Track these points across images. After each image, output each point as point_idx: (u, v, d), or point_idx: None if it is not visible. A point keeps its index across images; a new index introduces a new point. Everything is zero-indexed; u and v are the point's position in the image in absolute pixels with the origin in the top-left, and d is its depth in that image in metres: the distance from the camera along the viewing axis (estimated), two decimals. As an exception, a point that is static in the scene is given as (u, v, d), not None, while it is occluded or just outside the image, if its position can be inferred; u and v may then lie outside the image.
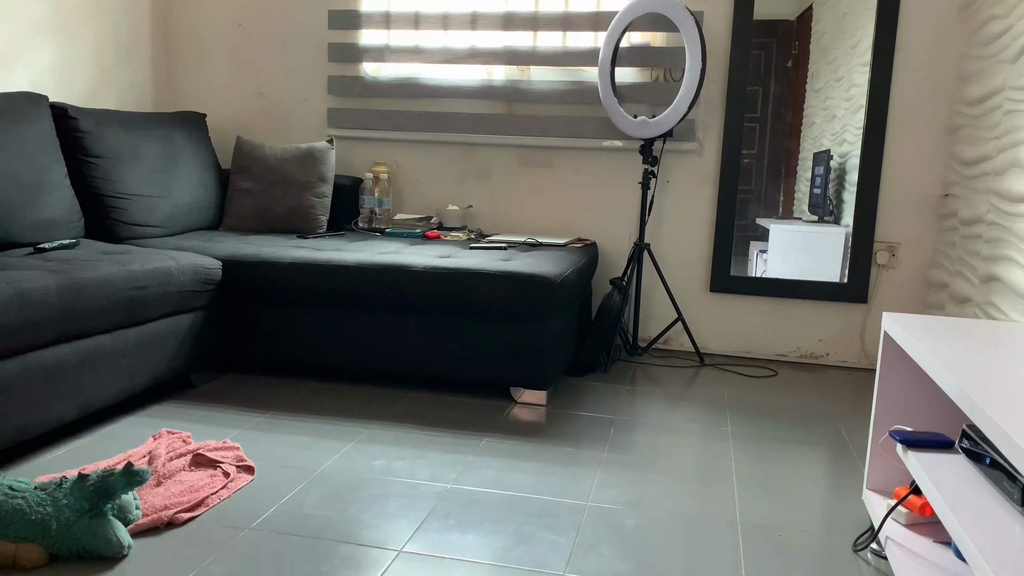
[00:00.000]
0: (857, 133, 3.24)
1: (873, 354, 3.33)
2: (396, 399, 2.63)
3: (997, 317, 2.46)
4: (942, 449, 1.54)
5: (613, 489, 1.98)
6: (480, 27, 3.48)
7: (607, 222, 3.49)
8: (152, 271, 2.37)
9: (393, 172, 3.67)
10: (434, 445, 2.23)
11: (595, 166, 3.47)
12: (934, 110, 3.15)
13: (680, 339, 3.48)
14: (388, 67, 3.66)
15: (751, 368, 3.26)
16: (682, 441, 2.36)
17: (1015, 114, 2.46)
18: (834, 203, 3.38)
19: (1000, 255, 2.48)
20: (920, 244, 3.23)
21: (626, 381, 2.98)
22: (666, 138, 3.23)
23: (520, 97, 3.48)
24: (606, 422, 2.49)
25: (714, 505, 1.93)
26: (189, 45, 3.80)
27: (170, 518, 1.70)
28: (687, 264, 3.45)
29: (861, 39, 3.23)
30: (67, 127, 2.87)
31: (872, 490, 1.90)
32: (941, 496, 1.30)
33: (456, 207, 3.51)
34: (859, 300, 3.30)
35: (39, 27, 3.07)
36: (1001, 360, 1.44)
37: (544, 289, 2.52)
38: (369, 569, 1.56)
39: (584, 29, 3.39)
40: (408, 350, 2.67)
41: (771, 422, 2.57)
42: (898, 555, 1.58)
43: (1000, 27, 2.64)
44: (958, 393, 1.26)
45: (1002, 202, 2.50)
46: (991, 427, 1.10)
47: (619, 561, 1.63)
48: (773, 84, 3.37)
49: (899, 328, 1.71)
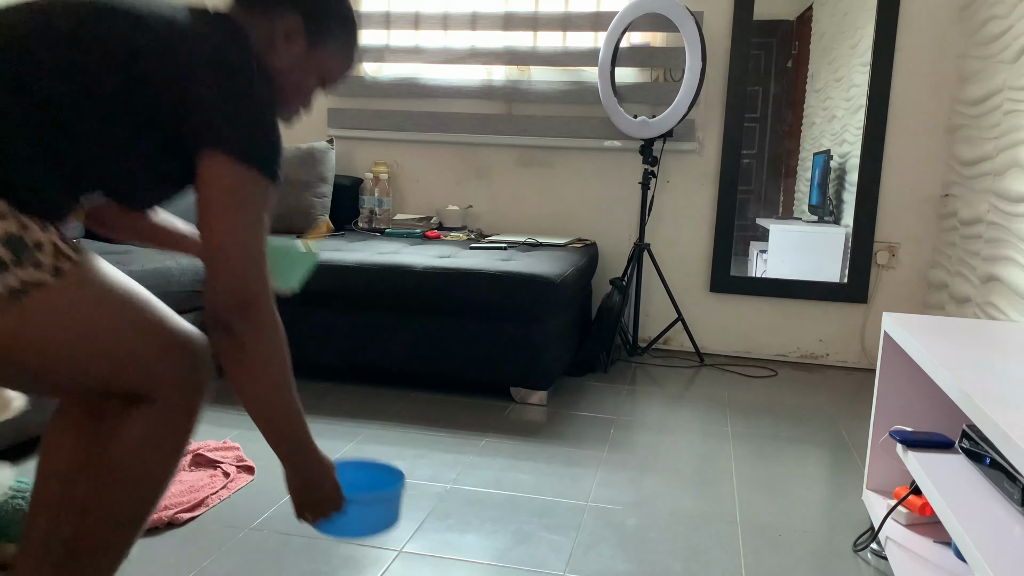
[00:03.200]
0: (857, 133, 3.24)
1: (873, 354, 3.33)
2: (396, 399, 2.63)
3: (997, 317, 2.46)
4: (942, 449, 1.54)
5: (613, 489, 1.98)
6: (480, 27, 3.48)
7: (607, 222, 3.49)
8: (152, 271, 2.37)
9: (393, 172, 3.67)
10: (434, 445, 2.23)
11: (595, 166, 3.47)
12: (934, 110, 3.15)
13: (680, 339, 3.48)
14: (388, 67, 3.66)
15: (751, 368, 3.26)
16: (682, 441, 2.36)
17: (1015, 114, 2.46)
18: (834, 203, 3.38)
19: (1000, 255, 2.48)
20: (920, 244, 3.23)
21: (626, 381, 2.98)
22: (666, 138, 3.23)
23: (520, 97, 3.48)
24: (606, 422, 2.49)
25: (714, 505, 1.93)
26: (189, 45, 3.79)
27: (170, 518, 1.70)
28: (687, 264, 3.45)
29: (861, 39, 3.23)
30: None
31: (872, 490, 1.90)
32: (941, 496, 1.30)
33: (456, 207, 3.51)
34: (859, 300, 3.30)
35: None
36: (1001, 360, 1.44)
37: (544, 289, 2.52)
38: (369, 569, 1.56)
39: (584, 29, 3.39)
40: (408, 350, 2.66)
41: (771, 422, 2.57)
42: (898, 555, 1.58)
43: (1000, 27, 2.64)
44: (958, 393, 1.26)
45: (1002, 202, 2.50)
46: (991, 427, 1.10)
47: (619, 561, 1.63)
48: (773, 84, 3.37)
49: (899, 328, 1.71)
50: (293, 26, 1.17)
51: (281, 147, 1.10)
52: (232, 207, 1.04)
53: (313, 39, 1.19)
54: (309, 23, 1.18)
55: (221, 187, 1.04)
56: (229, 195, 1.04)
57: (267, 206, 1.08)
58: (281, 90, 1.20)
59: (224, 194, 1.04)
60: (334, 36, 1.21)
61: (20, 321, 0.98)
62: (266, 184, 1.07)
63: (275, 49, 1.17)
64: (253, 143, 1.05)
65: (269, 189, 1.08)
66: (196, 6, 1.16)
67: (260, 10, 1.17)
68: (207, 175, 1.04)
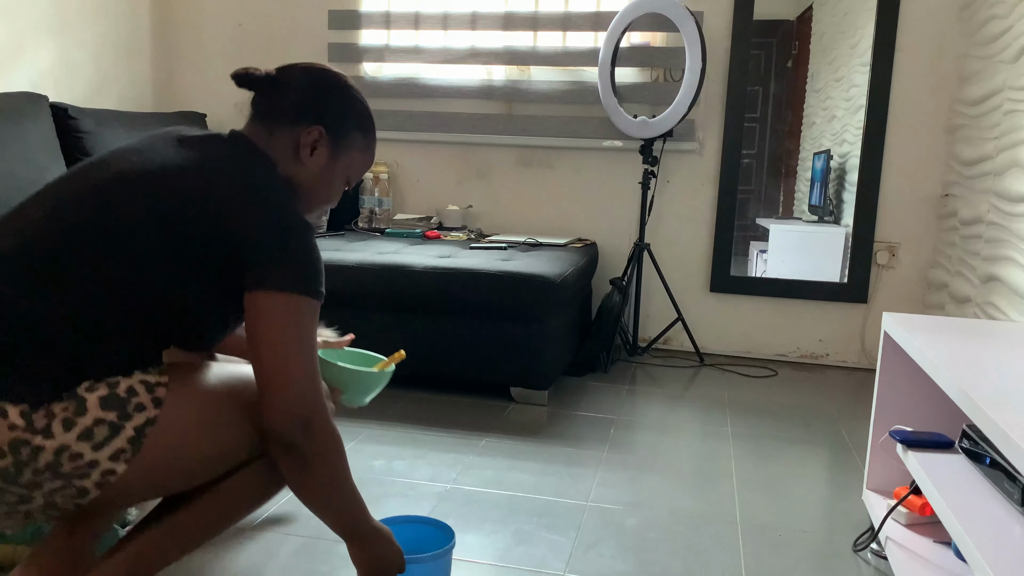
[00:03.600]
0: (857, 133, 3.24)
1: (873, 354, 3.33)
2: (396, 399, 2.63)
3: (997, 317, 2.46)
4: (942, 449, 1.54)
5: (613, 489, 1.98)
6: (480, 27, 3.48)
7: (607, 222, 3.49)
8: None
9: (393, 172, 3.67)
10: (434, 445, 2.23)
11: (595, 166, 3.47)
12: (934, 110, 3.15)
13: (680, 339, 3.48)
14: (388, 67, 3.66)
15: (751, 368, 3.26)
16: (682, 441, 2.36)
17: (1015, 114, 2.46)
18: (834, 203, 3.38)
19: (1000, 255, 2.48)
20: (920, 244, 3.23)
21: (626, 381, 2.98)
22: (666, 138, 3.23)
23: (520, 97, 3.48)
24: (606, 422, 2.49)
25: (714, 505, 1.93)
26: (189, 45, 3.80)
27: (170, 518, 1.70)
28: (687, 264, 3.45)
29: (861, 39, 3.23)
30: (67, 127, 2.87)
31: (872, 490, 1.90)
32: (941, 496, 1.30)
33: (456, 207, 3.51)
34: (859, 300, 3.30)
35: (39, 27, 3.07)
36: (1001, 360, 1.44)
37: (544, 289, 2.52)
38: (369, 569, 1.56)
39: (584, 29, 3.39)
40: (408, 350, 2.66)
41: (771, 422, 2.57)
42: (898, 555, 1.58)
43: (1000, 27, 2.64)
44: (958, 393, 1.26)
45: (1002, 202, 2.50)
46: (991, 427, 1.10)
47: (619, 561, 1.63)
48: (773, 84, 3.37)
49: (899, 328, 1.71)
50: (317, 138, 1.21)
51: (321, 265, 1.13)
52: (283, 332, 1.07)
53: (336, 147, 1.23)
54: (331, 133, 1.22)
55: (272, 319, 1.07)
56: (280, 323, 1.07)
57: (315, 321, 1.11)
58: (308, 198, 1.24)
59: (276, 323, 1.07)
60: (355, 140, 1.26)
61: (150, 462, 1.05)
62: (312, 303, 1.10)
63: (300, 161, 1.21)
64: (298, 273, 1.08)
65: (316, 307, 1.11)
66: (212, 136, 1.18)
67: (284, 125, 1.20)
68: (257, 310, 1.08)
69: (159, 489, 1.09)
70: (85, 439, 1.00)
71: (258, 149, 1.18)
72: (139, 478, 1.05)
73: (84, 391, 1.01)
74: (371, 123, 1.29)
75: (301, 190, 1.23)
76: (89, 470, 1.01)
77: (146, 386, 1.05)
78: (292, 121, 1.20)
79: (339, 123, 1.23)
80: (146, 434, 1.04)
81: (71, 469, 1.00)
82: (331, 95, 1.23)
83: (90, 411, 1.00)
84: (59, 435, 0.99)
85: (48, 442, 0.98)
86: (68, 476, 1.00)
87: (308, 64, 1.25)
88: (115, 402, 1.02)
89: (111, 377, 1.03)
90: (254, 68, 1.21)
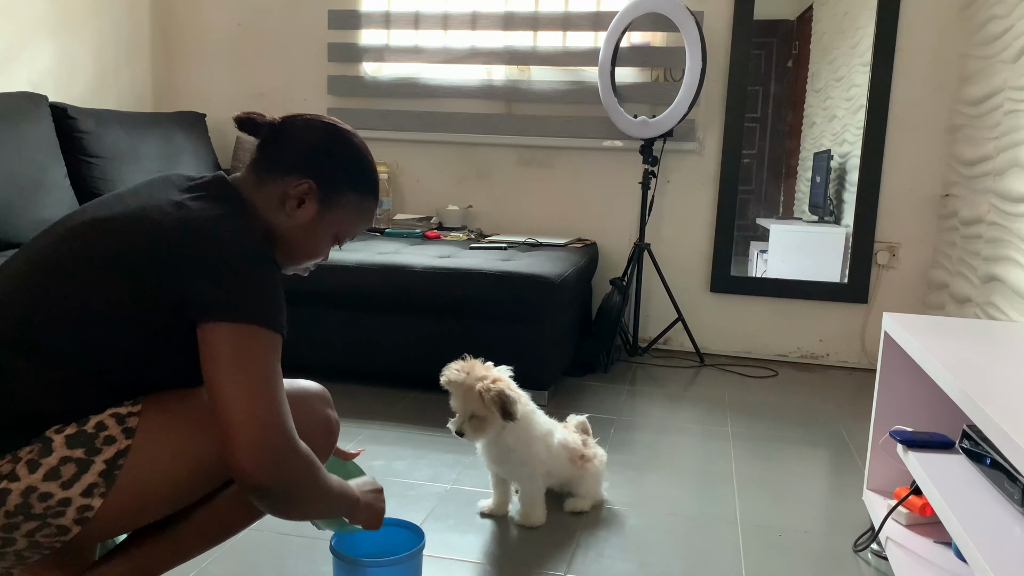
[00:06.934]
0: (857, 133, 3.24)
1: (873, 354, 3.33)
2: (396, 399, 2.62)
3: (997, 317, 2.46)
4: (942, 449, 1.54)
5: (613, 489, 1.98)
6: (480, 27, 3.48)
7: (607, 222, 3.49)
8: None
9: (393, 172, 3.67)
10: (434, 445, 2.23)
11: (595, 166, 3.47)
12: (934, 110, 3.15)
13: (680, 339, 3.48)
14: (388, 67, 3.65)
15: (751, 368, 3.26)
16: (682, 441, 2.36)
17: (1015, 114, 2.46)
18: (834, 203, 3.38)
19: (1000, 255, 2.47)
20: (920, 244, 3.23)
21: (626, 381, 2.97)
22: (666, 138, 3.23)
23: (520, 97, 3.48)
24: (606, 422, 2.49)
25: (714, 505, 1.93)
26: (189, 45, 3.80)
27: (170, 518, 1.70)
28: (687, 264, 3.45)
29: (861, 39, 3.22)
30: (67, 127, 2.87)
31: (872, 490, 1.90)
32: (941, 496, 1.30)
33: (456, 207, 3.51)
34: (859, 300, 3.30)
35: (39, 27, 3.07)
36: (1001, 360, 1.44)
37: (544, 289, 2.51)
38: (369, 569, 1.56)
39: (584, 29, 3.39)
40: (408, 350, 2.66)
41: (771, 422, 2.57)
42: (898, 555, 1.58)
43: (1000, 27, 2.63)
44: (958, 393, 1.26)
45: (1002, 202, 2.50)
46: (991, 427, 1.10)
47: (619, 561, 1.63)
48: (773, 84, 3.37)
49: (899, 328, 1.71)
50: (305, 191, 1.18)
51: (281, 299, 1.08)
52: (236, 367, 0.99)
53: (325, 203, 1.20)
54: (322, 189, 1.19)
55: (220, 352, 1.00)
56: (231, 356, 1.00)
57: (276, 358, 1.04)
58: (290, 251, 1.22)
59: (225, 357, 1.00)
60: (348, 199, 1.23)
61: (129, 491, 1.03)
62: (269, 335, 1.03)
63: (284, 211, 1.19)
64: (249, 302, 1.03)
65: (274, 340, 1.04)
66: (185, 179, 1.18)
67: (276, 174, 1.18)
68: (205, 344, 1.01)
69: (147, 515, 1.07)
70: (52, 479, 0.99)
71: (232, 194, 1.15)
72: (121, 508, 1.03)
73: (52, 433, 1.01)
74: (371, 185, 1.25)
75: (282, 242, 1.20)
76: (62, 508, 1.00)
77: (116, 418, 1.03)
78: (284, 171, 1.18)
79: (332, 180, 1.20)
80: (119, 465, 1.02)
81: (43, 509, 0.99)
82: (329, 151, 1.21)
83: (56, 451, 1.00)
84: (24, 477, 0.98)
85: (14, 485, 0.98)
86: (42, 516, 0.99)
87: (314, 116, 1.22)
88: (82, 439, 1.01)
89: (81, 417, 1.02)
90: (258, 114, 1.19)
